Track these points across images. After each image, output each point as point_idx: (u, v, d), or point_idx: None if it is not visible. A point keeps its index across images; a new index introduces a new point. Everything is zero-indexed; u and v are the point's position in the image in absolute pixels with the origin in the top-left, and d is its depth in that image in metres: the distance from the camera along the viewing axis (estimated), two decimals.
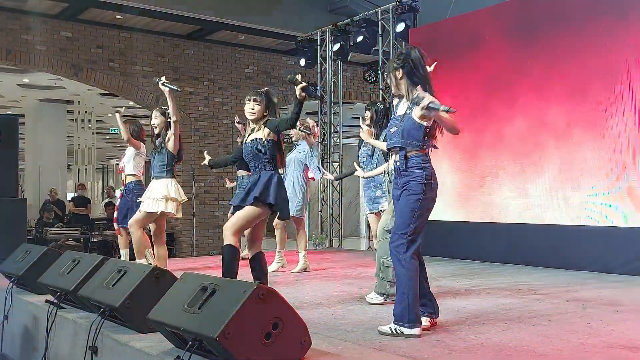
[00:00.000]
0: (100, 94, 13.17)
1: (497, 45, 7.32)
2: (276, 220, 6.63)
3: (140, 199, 5.60)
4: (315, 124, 6.59)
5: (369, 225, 6.66)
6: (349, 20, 9.77)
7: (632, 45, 6.07)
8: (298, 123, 6.03)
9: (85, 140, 15.03)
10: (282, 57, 12.41)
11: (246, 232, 4.25)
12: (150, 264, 5.14)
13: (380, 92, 9.66)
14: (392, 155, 3.67)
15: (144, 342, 3.23)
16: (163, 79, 5.27)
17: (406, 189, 3.45)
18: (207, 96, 11.54)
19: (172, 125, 5.43)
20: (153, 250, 5.66)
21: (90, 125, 15.01)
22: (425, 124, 3.42)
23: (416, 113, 3.41)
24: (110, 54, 10.48)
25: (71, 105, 14.58)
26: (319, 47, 10.65)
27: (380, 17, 9.43)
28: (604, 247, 6.15)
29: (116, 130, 18.76)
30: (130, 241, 5.82)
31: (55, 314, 4.04)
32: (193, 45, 11.38)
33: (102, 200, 14.34)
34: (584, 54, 6.48)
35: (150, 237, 5.76)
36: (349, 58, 10.42)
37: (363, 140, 5.19)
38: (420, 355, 2.96)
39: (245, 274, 4.25)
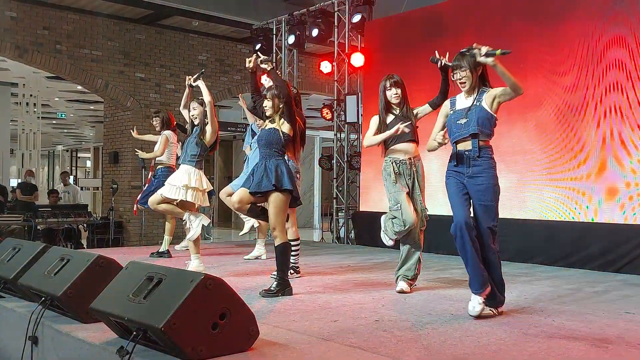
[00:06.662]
0: (47, 77, 12.73)
1: (450, 40, 7.41)
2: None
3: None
4: None
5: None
6: (305, 10, 9.73)
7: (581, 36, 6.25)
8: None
9: (30, 125, 14.49)
10: (237, 45, 12.26)
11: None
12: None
13: (336, 83, 9.68)
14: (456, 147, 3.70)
15: (87, 332, 3.15)
16: (191, 80, 5.45)
17: (480, 182, 3.60)
18: (159, 82, 11.29)
19: (207, 108, 5.30)
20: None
21: (35, 110, 14.49)
22: (496, 115, 3.63)
23: (487, 102, 3.61)
24: (57, 36, 10.12)
25: (16, 87, 14.09)
26: (274, 36, 10.56)
27: (336, 9, 9.43)
28: (550, 239, 6.32)
29: (63, 115, 18.21)
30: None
31: None
32: (144, 30, 11.09)
33: (55, 187, 13.81)
34: (542, 50, 6.63)
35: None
36: (304, 48, 10.38)
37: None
38: (367, 345, 2.99)
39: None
